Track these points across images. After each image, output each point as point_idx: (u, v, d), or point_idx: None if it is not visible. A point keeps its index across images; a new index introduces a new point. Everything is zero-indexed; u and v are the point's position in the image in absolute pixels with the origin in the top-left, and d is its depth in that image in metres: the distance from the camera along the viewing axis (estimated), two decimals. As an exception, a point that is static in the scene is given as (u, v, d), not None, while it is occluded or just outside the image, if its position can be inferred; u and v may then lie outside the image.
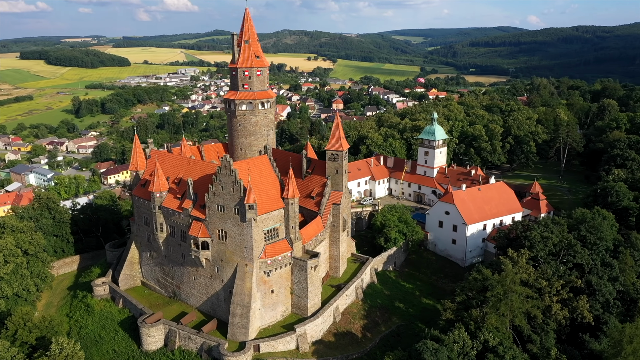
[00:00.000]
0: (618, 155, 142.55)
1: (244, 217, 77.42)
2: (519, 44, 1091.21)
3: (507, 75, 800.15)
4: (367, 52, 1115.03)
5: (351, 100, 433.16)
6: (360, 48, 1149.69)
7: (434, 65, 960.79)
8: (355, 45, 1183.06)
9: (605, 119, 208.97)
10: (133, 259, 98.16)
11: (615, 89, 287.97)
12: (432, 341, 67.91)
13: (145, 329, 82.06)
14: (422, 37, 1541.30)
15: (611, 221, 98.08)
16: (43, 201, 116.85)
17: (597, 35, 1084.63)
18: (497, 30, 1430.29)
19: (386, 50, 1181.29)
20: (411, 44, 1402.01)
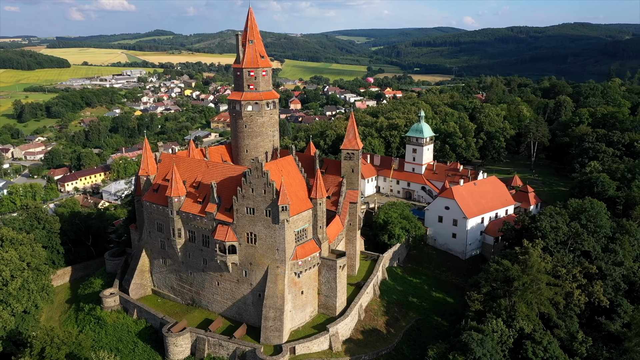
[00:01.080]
0: (590, 148, 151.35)
1: (276, 218, 76.64)
2: (459, 44, 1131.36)
3: (451, 74, 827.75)
4: (313, 52, 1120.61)
5: (308, 100, 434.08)
6: (307, 48, 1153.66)
7: (379, 65, 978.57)
8: (301, 45, 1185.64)
9: (562, 114, 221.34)
10: (143, 267, 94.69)
11: (564, 86, 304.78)
12: (475, 332, 69.83)
13: (172, 339, 79.56)
14: (366, 37, 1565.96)
15: (604, 210, 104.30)
16: (31, 211, 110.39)
17: (530, 36, 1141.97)
18: (437, 30, 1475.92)
19: (332, 50, 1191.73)
20: (355, 44, 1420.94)
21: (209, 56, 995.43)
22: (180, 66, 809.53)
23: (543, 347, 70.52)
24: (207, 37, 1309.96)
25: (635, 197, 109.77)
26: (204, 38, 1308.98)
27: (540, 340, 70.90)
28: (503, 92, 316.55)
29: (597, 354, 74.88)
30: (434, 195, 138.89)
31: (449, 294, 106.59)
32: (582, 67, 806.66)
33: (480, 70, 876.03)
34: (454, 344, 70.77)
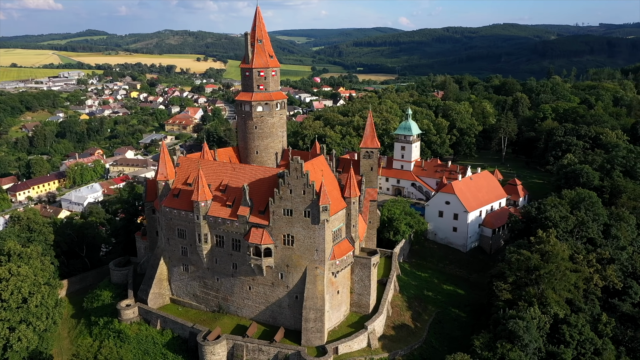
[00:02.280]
0: (562, 141, 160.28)
1: (315, 219, 76.31)
2: (399, 44, 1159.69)
3: (395, 74, 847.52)
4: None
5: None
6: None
7: (323, 65, 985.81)
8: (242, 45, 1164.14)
9: (519, 110, 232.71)
10: (162, 275, 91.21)
11: (513, 84, 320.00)
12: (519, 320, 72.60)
13: (209, 347, 77.35)
14: (306, 38, 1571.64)
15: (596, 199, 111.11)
16: (24, 222, 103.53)
17: (465, 36, 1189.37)
18: (376, 30, 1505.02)
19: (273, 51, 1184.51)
20: (296, 44, 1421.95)
21: (148, 57, 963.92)
22: (119, 67, 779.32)
23: (578, 331, 74.50)
24: (143, 38, 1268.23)
25: (619, 186, 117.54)
26: (141, 38, 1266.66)
27: (576, 324, 74.87)
28: (458, 90, 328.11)
29: (620, 333, 79.96)
30: (425, 191, 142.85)
31: (458, 286, 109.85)
32: (516, 65, 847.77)
33: (420, 69, 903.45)
34: (499, 332, 73.30)
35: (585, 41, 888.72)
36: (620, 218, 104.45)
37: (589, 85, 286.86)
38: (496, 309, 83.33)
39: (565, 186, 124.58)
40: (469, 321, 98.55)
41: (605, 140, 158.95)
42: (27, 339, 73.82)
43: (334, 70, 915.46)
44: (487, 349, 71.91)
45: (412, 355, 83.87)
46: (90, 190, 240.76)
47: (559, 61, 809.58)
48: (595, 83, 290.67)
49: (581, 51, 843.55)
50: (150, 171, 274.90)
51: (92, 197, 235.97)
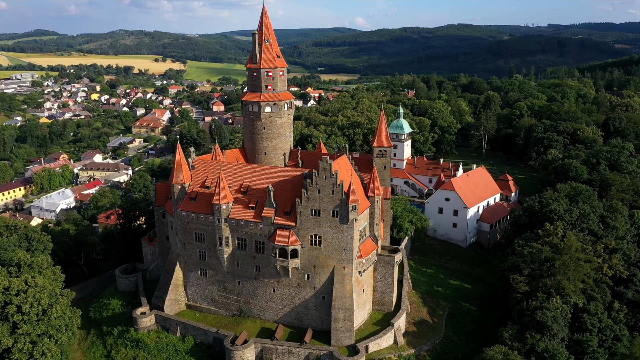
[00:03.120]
0: (544, 137, 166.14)
1: (344, 218, 76.37)
2: (358, 44, 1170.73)
3: (357, 73, 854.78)
4: (215, 52, 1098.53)
5: (231, 101, 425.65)
6: (207, 49, 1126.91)
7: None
8: (201, 46, 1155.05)
9: (491, 108, 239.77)
10: (177, 281, 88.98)
11: (481, 83, 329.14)
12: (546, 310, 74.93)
13: (239, 352, 76.14)
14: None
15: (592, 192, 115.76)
16: (21, 231, 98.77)
17: (422, 36, 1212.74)
18: (334, 31, 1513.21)
19: (233, 51, 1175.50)
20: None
21: (103, 58, 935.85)
22: (73, 69, 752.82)
23: (598, 318, 77.64)
24: (97, 38, 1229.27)
25: (608, 179, 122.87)
26: (94, 38, 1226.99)
27: (595, 312, 78.00)
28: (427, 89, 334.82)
29: (631, 319, 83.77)
30: (418, 189, 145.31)
31: (463, 280, 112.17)
32: (473, 64, 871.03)
33: (381, 69, 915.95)
34: (526, 323, 75.41)
35: (537, 41, 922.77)
36: (614, 209, 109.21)
37: (554, 83, 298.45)
38: (514, 301, 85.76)
39: (555, 181, 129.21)
40: (480, 314, 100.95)
41: (582, 136, 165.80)
42: (51, 352, 70.52)
43: (295, 71, 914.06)
44: (516, 340, 73.86)
45: (435, 350, 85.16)
46: (61, 196, 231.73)
47: (514, 60, 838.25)
48: (559, 81, 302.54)
49: (534, 50, 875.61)
50: (122, 175, 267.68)
51: (65, 203, 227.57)
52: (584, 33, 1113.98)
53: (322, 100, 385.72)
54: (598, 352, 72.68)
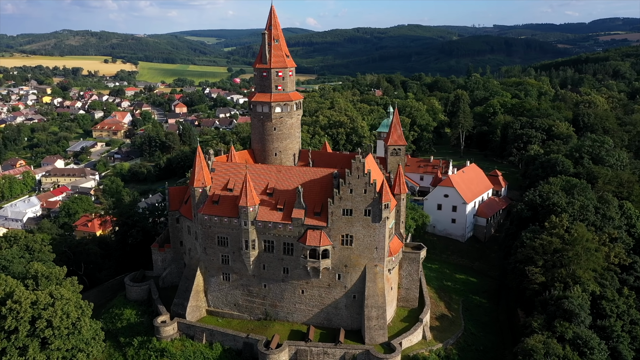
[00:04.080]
0: (523, 134, 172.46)
1: (376, 217, 76.77)
2: (312, 44, 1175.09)
3: (314, 74, 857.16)
4: (166, 53, 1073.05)
5: (193, 103, 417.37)
6: (158, 49, 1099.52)
7: (238, 66, 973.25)
8: (151, 46, 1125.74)
9: (460, 106, 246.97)
10: (198, 287, 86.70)
11: (445, 82, 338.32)
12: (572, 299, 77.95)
13: (274, 356, 75.15)
14: (216, 38, 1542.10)
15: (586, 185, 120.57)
16: (22, 242, 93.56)
17: (374, 36, 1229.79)
18: (287, 31, 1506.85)
19: (185, 52, 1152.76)
20: (206, 44, 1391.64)
21: (48, 59, 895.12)
22: (16, 70, 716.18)
23: (615, 305, 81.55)
24: (39, 38, 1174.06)
25: (594, 172, 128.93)
26: (36, 39, 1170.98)
27: (613, 298, 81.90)
28: (393, 88, 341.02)
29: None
30: (410, 186, 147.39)
31: (468, 274, 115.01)
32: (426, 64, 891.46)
33: (337, 69, 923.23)
34: (552, 312, 78.15)
35: (486, 41, 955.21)
36: (606, 201, 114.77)
37: (515, 81, 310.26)
38: (531, 292, 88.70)
39: (543, 175, 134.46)
40: (490, 306, 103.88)
41: (557, 132, 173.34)
42: (85, 367, 67.31)
43: (250, 71, 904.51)
44: (545, 328, 76.44)
45: (459, 343, 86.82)
46: (27, 204, 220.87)
47: (464, 60, 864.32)
48: (521, 80, 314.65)
49: (483, 50, 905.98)
50: (90, 181, 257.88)
51: (32, 211, 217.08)
52: (527, 33, 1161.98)
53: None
54: (622, 337, 76.26)
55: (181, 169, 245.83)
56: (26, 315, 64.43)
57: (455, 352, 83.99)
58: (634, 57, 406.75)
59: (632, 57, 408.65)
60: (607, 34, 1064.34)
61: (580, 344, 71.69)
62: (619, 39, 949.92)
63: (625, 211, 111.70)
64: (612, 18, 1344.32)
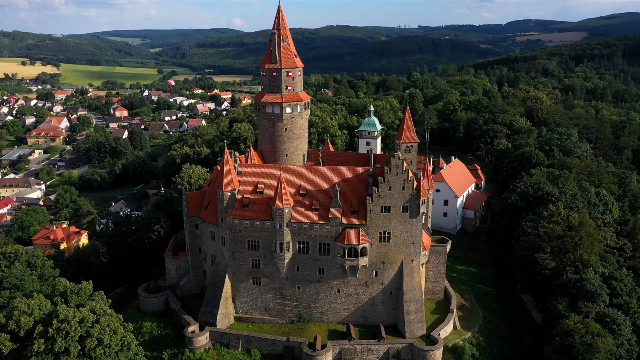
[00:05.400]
0: (490, 129, 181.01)
1: (414, 213, 78.34)
2: (244, 45, 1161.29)
3: (249, 74, 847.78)
4: (89, 55, 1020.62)
5: (134, 106, 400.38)
6: (80, 51, 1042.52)
7: (169, 67, 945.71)
8: (72, 47, 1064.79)
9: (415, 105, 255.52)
10: (227, 294, 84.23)
11: (392, 81, 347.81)
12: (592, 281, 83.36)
13: (321, 357, 74.79)
14: (141, 39, 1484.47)
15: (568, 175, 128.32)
16: (23, 258, 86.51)
17: (305, 37, 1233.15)
18: (216, 31, 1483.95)
19: (109, 53, 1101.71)
20: (131, 45, 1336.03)
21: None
22: None
23: (624, 284, 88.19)
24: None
25: (567, 163, 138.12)
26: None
27: (622, 278, 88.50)
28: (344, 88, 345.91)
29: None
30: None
31: (467, 265, 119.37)
32: (358, 64, 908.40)
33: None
34: (575, 294, 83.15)
35: (415, 41, 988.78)
36: (585, 189, 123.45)
37: (461, 80, 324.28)
38: (543, 277, 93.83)
39: (519, 168, 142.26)
40: (496, 294, 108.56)
41: (518, 127, 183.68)
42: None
43: (182, 73, 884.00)
44: (569, 310, 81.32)
45: (482, 330, 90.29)
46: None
47: (396, 60, 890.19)
48: (466, 78, 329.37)
49: (412, 50, 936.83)
50: (35, 191, 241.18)
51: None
52: (450, 34, 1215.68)
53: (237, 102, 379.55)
54: (638, 313, 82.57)
55: (138, 175, 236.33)
56: (76, 334, 59.87)
57: (482, 340, 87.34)
58: (558, 56, 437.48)
59: (556, 55, 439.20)
60: (523, 35, 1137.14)
61: (609, 322, 76.99)
62: (533, 39, 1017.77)
63: (602, 198, 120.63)
64: (526, 20, 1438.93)
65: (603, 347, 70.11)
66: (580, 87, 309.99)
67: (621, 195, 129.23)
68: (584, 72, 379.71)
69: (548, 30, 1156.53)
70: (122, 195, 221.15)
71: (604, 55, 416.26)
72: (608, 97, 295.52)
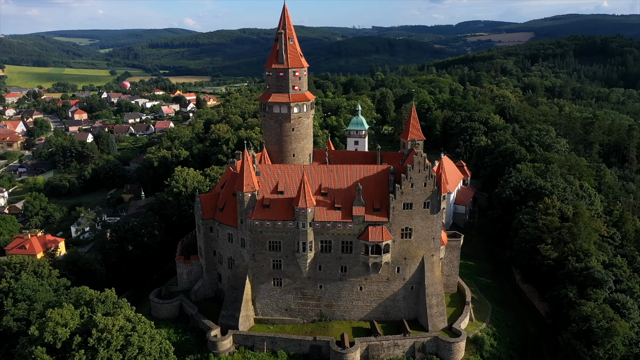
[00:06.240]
0: (468, 127, 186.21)
1: (435, 208, 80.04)
2: (198, 45, 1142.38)
3: (206, 75, 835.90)
4: (35, 56, 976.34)
5: (93, 109, 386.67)
6: (25, 52, 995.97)
7: (122, 68, 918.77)
8: (16, 48, 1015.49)
9: (386, 104, 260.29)
10: (247, 296, 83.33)
11: (360, 81, 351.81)
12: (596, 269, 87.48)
13: (351, 354, 75.33)
14: (89, 39, 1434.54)
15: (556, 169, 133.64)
16: (29, 268, 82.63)
17: (261, 37, 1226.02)
18: (169, 32, 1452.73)
19: (57, 54, 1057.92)
20: (80, 46, 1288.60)
21: None
22: None
23: (623, 270, 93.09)
24: None
25: (548, 158, 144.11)
26: None
27: (621, 265, 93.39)
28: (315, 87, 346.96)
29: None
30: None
31: (464, 259, 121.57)
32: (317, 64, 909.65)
33: (229, 70, 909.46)
34: (583, 282, 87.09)
35: (371, 42, 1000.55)
36: (569, 182, 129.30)
37: (427, 79, 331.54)
38: (546, 268, 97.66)
39: (503, 163, 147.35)
40: (496, 285, 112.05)
41: (493, 124, 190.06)
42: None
43: (136, 74, 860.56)
44: (579, 297, 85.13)
45: (493, 321, 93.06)
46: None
47: (353, 60, 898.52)
48: (431, 77, 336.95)
49: (369, 50, 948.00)
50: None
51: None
52: (404, 34, 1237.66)
53: (202, 104, 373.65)
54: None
55: (110, 180, 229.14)
56: (118, 343, 57.87)
57: (495, 330, 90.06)
58: (514, 56, 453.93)
59: (512, 55, 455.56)
60: (473, 35, 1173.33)
61: (619, 306, 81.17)
62: (484, 40, 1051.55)
63: (585, 190, 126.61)
64: (475, 21, 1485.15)
65: (621, 330, 73.90)
66: (540, 85, 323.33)
67: (597, 187, 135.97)
68: (540, 71, 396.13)
69: (497, 31, 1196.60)
70: (94, 201, 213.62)
71: (557, 55, 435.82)
72: (568, 94, 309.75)
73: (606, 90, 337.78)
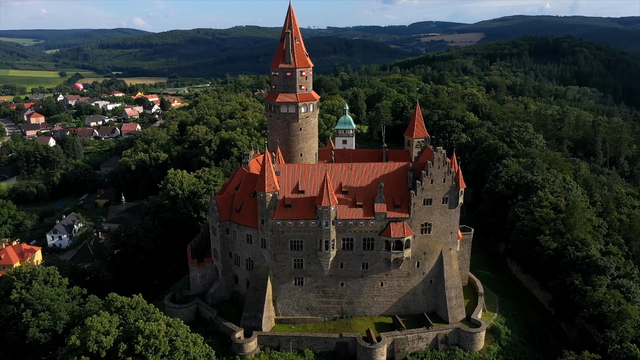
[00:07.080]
0: (447, 125, 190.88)
1: (453, 203, 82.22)
2: (152, 46, 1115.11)
3: (162, 76, 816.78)
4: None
5: (50, 112, 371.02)
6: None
7: (72, 70, 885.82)
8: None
9: (359, 104, 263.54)
10: (269, 297, 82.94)
11: (329, 81, 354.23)
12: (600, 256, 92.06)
13: (379, 349, 76.48)
14: (33, 39, 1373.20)
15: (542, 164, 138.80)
16: (40, 277, 79.21)
17: (216, 37, 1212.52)
18: (119, 32, 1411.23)
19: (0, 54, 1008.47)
20: (24, 46, 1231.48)
21: None
22: None
23: (618, 258, 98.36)
24: None
25: (531, 153, 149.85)
26: None
27: (617, 253, 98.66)
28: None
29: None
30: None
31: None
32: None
33: (185, 71, 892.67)
34: (586, 270, 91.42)
35: (328, 42, 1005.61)
36: (554, 176, 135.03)
37: (394, 79, 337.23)
38: (547, 258, 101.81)
39: (487, 159, 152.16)
40: (496, 277, 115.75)
41: (469, 121, 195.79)
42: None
43: (87, 75, 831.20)
44: (584, 283, 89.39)
45: (501, 311, 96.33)
46: None
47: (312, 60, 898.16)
48: (398, 77, 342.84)
49: (327, 51, 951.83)
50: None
51: None
52: (359, 35, 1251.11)
53: (167, 105, 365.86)
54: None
55: (80, 185, 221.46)
56: (166, 349, 56.60)
57: (504, 319, 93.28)
58: (473, 56, 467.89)
59: (471, 55, 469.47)
60: (427, 36, 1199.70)
61: (624, 291, 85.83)
62: (437, 40, 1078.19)
63: (568, 183, 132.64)
64: (427, 21, 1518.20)
65: (633, 313, 78.29)
66: (502, 84, 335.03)
67: (574, 180, 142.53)
68: (499, 70, 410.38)
69: (449, 31, 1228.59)
70: (66, 207, 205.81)
71: (513, 55, 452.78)
72: (531, 92, 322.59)
73: (562, 88, 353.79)
